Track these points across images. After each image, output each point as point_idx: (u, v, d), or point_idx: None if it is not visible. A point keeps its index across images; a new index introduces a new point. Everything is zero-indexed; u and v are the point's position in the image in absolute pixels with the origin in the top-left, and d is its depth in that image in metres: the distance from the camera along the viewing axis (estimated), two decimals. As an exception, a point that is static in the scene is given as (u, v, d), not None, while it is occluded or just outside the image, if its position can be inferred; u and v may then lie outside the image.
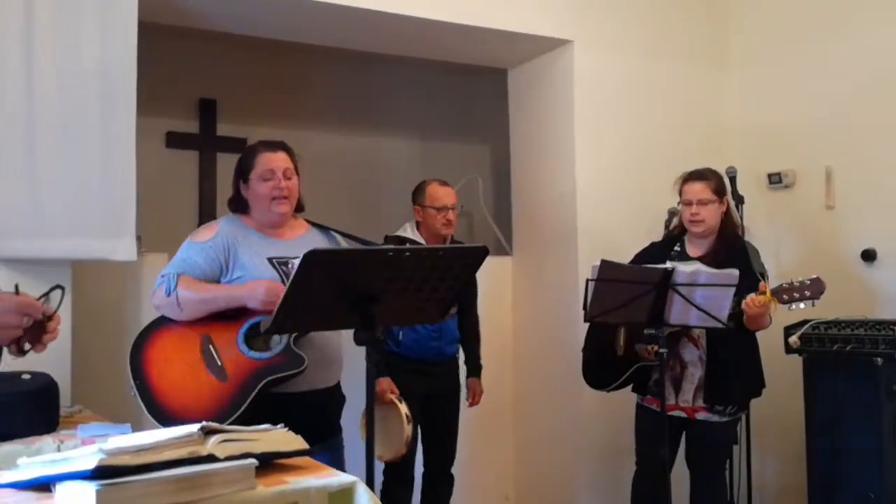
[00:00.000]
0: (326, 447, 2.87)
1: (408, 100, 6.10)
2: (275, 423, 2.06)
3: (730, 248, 3.78)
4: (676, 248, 3.91)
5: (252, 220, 3.06)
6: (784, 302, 3.49)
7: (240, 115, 5.53)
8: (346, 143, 5.87)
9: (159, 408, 2.73)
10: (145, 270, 4.04)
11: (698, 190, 3.80)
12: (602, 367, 3.91)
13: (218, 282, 2.94)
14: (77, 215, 3.43)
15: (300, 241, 3.02)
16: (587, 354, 4.00)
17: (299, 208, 3.14)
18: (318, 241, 3.11)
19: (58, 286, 1.91)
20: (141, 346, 2.84)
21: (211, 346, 2.81)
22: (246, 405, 2.70)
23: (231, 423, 2.53)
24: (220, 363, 2.78)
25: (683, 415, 3.74)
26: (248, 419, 2.62)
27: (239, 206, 3.10)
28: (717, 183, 3.86)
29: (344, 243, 3.20)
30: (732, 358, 3.70)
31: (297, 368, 2.76)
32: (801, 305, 3.49)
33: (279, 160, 3.02)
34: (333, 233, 3.20)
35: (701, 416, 3.73)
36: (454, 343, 4.23)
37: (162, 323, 2.90)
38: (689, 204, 3.81)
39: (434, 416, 4.17)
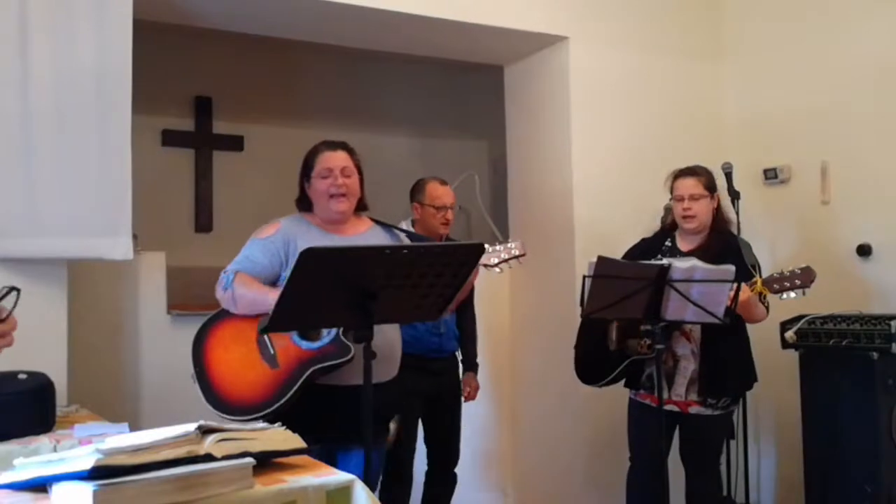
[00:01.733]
0: (375, 447, 2.88)
1: (404, 96, 6.10)
2: (326, 413, 2.29)
3: (723, 242, 3.78)
4: (668, 242, 3.91)
5: (315, 218, 3.17)
6: (775, 291, 3.51)
7: (235, 113, 5.53)
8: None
9: (214, 393, 2.90)
10: (141, 269, 4.04)
11: (690, 185, 3.80)
12: (594, 362, 3.91)
13: (278, 276, 3.02)
14: (73, 214, 3.42)
15: (362, 238, 3.12)
16: (579, 350, 4.01)
17: (362, 207, 3.23)
18: (380, 238, 3.21)
19: (13, 288, 1.82)
20: (203, 335, 3.01)
21: (266, 335, 2.91)
22: (293, 392, 2.81)
23: (279, 408, 2.78)
24: (272, 351, 2.90)
25: (676, 409, 3.74)
26: (301, 409, 2.79)
27: (304, 205, 3.21)
28: (708, 178, 3.86)
29: (407, 241, 3.26)
30: (725, 351, 3.70)
31: (343, 358, 2.82)
32: (793, 294, 3.50)
33: (338, 159, 3.13)
34: (397, 231, 3.29)
35: (694, 409, 3.73)
36: (454, 339, 4.21)
37: (225, 313, 3.03)
38: (680, 199, 3.81)
39: (436, 415, 4.15)
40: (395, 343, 3.13)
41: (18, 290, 1.82)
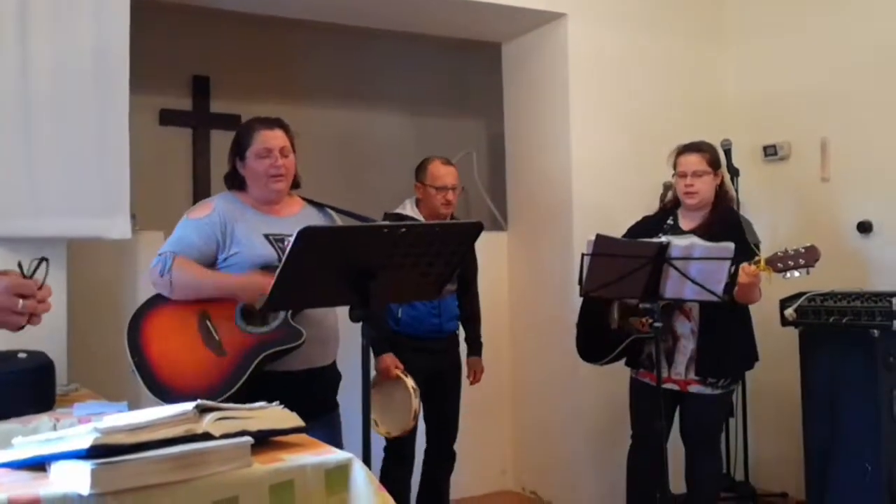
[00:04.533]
0: (324, 423, 2.87)
1: (402, 75, 6.07)
2: (271, 401, 2.06)
3: (724, 221, 3.76)
4: (669, 221, 3.89)
5: (248, 197, 3.05)
6: (779, 270, 3.48)
7: (233, 92, 5.50)
8: (339, 118, 5.85)
9: (158, 384, 2.75)
10: (140, 248, 4.04)
11: (694, 162, 3.78)
12: (596, 340, 3.91)
13: (215, 258, 2.94)
14: (72, 194, 3.42)
15: (296, 219, 3.01)
16: (581, 328, 4.00)
17: (295, 185, 3.14)
18: (314, 218, 3.10)
19: (42, 259, 1.85)
20: (138, 322, 2.85)
21: (208, 322, 2.82)
22: (244, 379, 2.72)
23: (229, 398, 2.59)
24: (217, 338, 2.80)
25: (676, 388, 3.74)
26: (244, 397, 2.62)
27: (235, 182, 3.09)
28: (713, 155, 3.84)
29: (339, 220, 3.19)
30: (725, 331, 3.70)
31: (296, 342, 2.77)
32: (797, 273, 3.48)
33: (276, 138, 3.01)
34: (328, 209, 3.20)
35: (693, 388, 3.73)
36: (453, 320, 4.20)
37: (159, 300, 2.90)
38: (683, 176, 3.78)
39: (436, 394, 4.15)
40: (335, 328, 3.07)
41: (48, 260, 1.84)
